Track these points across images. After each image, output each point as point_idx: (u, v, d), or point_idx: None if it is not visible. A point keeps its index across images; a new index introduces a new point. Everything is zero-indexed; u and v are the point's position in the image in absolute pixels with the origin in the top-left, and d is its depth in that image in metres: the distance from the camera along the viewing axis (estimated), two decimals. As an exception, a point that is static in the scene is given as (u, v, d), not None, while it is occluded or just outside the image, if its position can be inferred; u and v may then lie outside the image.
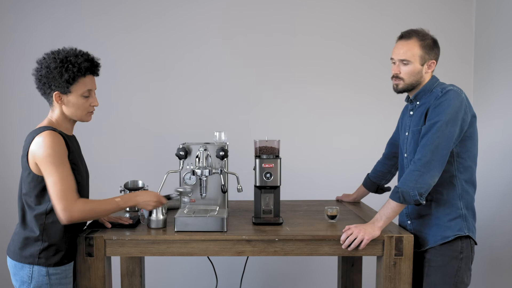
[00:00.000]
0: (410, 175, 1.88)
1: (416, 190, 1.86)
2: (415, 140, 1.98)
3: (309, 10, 3.30)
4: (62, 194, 1.70)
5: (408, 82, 1.98)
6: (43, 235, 1.76)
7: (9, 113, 3.25)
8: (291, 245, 1.93)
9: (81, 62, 1.79)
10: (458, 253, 1.93)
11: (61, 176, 1.71)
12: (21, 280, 1.78)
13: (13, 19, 3.24)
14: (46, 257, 1.77)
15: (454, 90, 1.91)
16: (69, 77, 1.76)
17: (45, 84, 1.79)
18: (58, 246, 1.78)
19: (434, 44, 1.99)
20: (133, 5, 3.27)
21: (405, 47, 1.97)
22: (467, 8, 3.31)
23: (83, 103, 1.83)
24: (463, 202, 1.96)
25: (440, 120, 1.86)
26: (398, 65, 1.99)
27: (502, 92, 2.98)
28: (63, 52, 1.81)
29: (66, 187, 1.71)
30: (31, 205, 1.77)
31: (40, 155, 1.71)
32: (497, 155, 3.00)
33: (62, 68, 1.76)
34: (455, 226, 1.93)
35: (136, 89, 3.30)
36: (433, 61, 1.98)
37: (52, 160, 1.70)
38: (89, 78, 1.83)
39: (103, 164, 3.24)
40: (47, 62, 1.78)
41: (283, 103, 3.32)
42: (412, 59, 1.95)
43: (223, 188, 2.19)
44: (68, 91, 1.79)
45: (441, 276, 1.92)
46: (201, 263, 3.25)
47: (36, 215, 1.77)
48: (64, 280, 1.82)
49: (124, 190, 2.32)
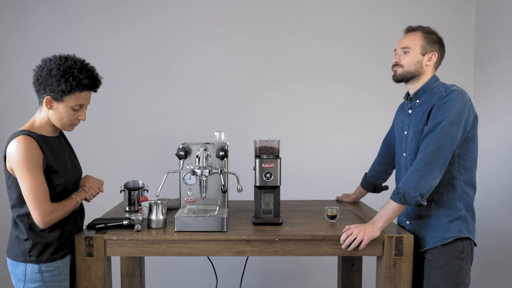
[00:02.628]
0: (412, 175, 1.87)
1: (417, 191, 1.85)
2: (416, 140, 1.97)
3: (309, 10, 3.30)
4: (35, 203, 1.74)
5: (407, 70, 1.98)
6: (29, 234, 1.80)
7: (9, 113, 3.26)
8: (291, 245, 1.93)
9: (83, 78, 1.78)
10: (459, 253, 1.93)
11: (33, 182, 1.73)
12: (17, 278, 1.82)
13: (13, 18, 3.24)
14: (36, 255, 1.80)
15: (459, 90, 1.91)
16: (65, 88, 1.76)
17: (41, 85, 1.78)
18: (45, 244, 1.81)
19: (438, 40, 2.00)
20: (133, 5, 3.27)
21: (409, 37, 2.00)
22: (467, 8, 3.31)
23: (70, 115, 1.83)
24: (463, 203, 1.95)
25: (444, 120, 1.85)
26: (399, 54, 2.01)
27: (502, 92, 2.98)
28: (70, 61, 1.80)
29: (38, 195, 1.74)
30: (15, 207, 1.81)
31: (13, 160, 1.73)
32: (497, 155, 3.00)
33: (62, 78, 1.76)
34: (455, 227, 1.93)
35: (136, 89, 3.30)
36: (434, 53, 1.98)
37: (25, 165, 1.72)
38: (84, 94, 1.82)
39: (103, 164, 3.24)
40: (51, 66, 1.78)
41: (283, 103, 3.32)
42: (413, 46, 1.97)
43: (223, 188, 2.19)
44: (61, 100, 1.79)
45: (442, 276, 1.92)
46: (201, 263, 3.25)
47: (19, 216, 1.80)
48: (58, 277, 1.83)
49: (124, 190, 2.32)
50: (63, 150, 1.91)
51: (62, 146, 1.93)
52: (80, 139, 2.02)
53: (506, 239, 2.90)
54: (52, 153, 1.82)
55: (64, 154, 1.91)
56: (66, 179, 1.85)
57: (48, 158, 1.79)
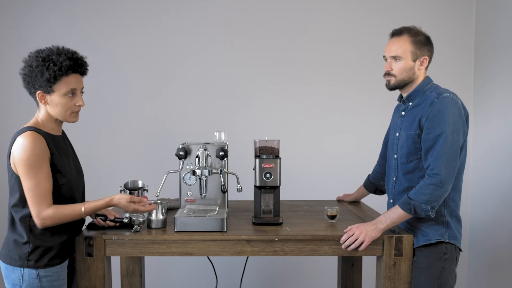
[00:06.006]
0: (426, 188, 1.85)
1: (429, 205, 1.85)
2: (408, 145, 1.97)
3: (309, 12, 3.30)
4: (35, 201, 1.71)
5: (400, 79, 1.98)
6: (30, 237, 1.75)
7: (9, 113, 3.26)
8: (291, 245, 1.93)
9: (63, 61, 1.74)
10: (442, 254, 1.93)
11: (37, 181, 1.70)
12: (13, 283, 1.77)
13: (13, 18, 3.24)
14: (35, 259, 1.75)
15: (451, 97, 1.90)
16: (50, 76, 1.72)
17: (29, 83, 1.76)
18: (46, 248, 1.77)
19: (426, 41, 1.98)
20: (134, 5, 3.27)
21: (396, 44, 1.97)
22: (467, 8, 3.31)
23: (67, 103, 1.78)
24: (447, 209, 1.95)
25: (445, 131, 1.84)
26: (390, 62, 1.99)
27: (502, 92, 2.98)
28: (46, 50, 1.77)
29: (40, 194, 1.70)
30: (16, 207, 1.76)
31: (18, 157, 1.70)
32: (497, 155, 3.00)
33: (43, 67, 1.73)
34: (437, 231, 1.93)
35: (136, 89, 3.30)
36: (425, 57, 1.97)
37: (30, 163, 1.69)
38: (73, 77, 1.78)
39: (103, 164, 3.24)
40: (30, 61, 1.76)
41: (283, 103, 3.32)
42: (404, 55, 1.95)
43: (223, 188, 2.19)
44: (51, 90, 1.75)
45: (425, 277, 1.92)
46: (201, 263, 3.25)
47: (21, 217, 1.76)
48: (56, 282, 1.80)
49: (124, 190, 2.31)
50: (67, 150, 1.90)
51: (66, 146, 1.92)
52: (80, 139, 2.02)
53: (506, 239, 2.90)
54: (58, 152, 1.80)
55: (68, 154, 1.90)
56: (69, 179, 1.83)
57: (54, 157, 1.77)
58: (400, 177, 2.03)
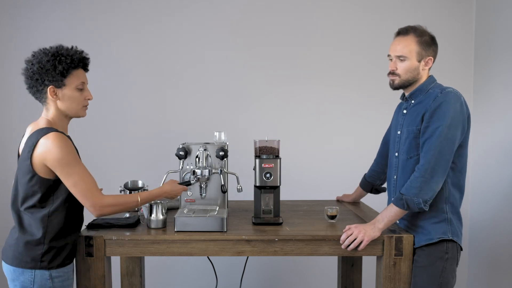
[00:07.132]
0: (415, 181, 1.86)
1: (420, 198, 1.85)
2: (409, 141, 1.97)
3: (309, 11, 3.30)
4: (87, 194, 1.74)
5: (404, 78, 1.98)
6: (45, 238, 1.75)
7: (9, 113, 3.27)
8: (291, 245, 1.93)
9: (73, 54, 1.79)
10: (444, 254, 1.92)
11: (80, 175, 1.73)
12: (22, 285, 1.75)
13: (13, 18, 3.24)
14: (48, 260, 1.75)
15: (454, 93, 1.90)
16: (63, 68, 1.75)
17: (38, 80, 1.76)
18: (59, 248, 1.77)
19: (431, 41, 1.97)
20: (135, 5, 3.27)
21: (402, 43, 1.96)
22: (467, 8, 3.31)
23: (78, 96, 1.82)
24: (449, 206, 1.94)
25: (442, 124, 1.84)
26: (394, 61, 1.98)
27: (502, 92, 2.98)
28: (53, 48, 1.81)
29: (88, 186, 1.74)
30: (33, 208, 1.75)
31: (53, 158, 1.70)
32: (497, 155, 3.00)
33: (55, 61, 1.75)
34: (439, 229, 1.92)
35: (136, 89, 3.30)
36: (430, 58, 1.97)
37: (67, 161, 1.71)
38: (81, 71, 1.84)
39: (103, 164, 3.24)
40: (38, 58, 1.77)
41: (283, 103, 3.32)
42: (409, 55, 1.94)
43: (223, 188, 2.19)
44: (63, 85, 1.78)
45: (426, 276, 1.92)
46: (201, 263, 3.25)
47: (39, 217, 1.74)
48: (66, 282, 1.81)
49: (124, 190, 2.31)
50: None
51: None
52: (80, 139, 2.02)
53: (506, 239, 2.90)
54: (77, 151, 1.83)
55: None
56: None
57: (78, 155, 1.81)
58: (401, 175, 2.03)
